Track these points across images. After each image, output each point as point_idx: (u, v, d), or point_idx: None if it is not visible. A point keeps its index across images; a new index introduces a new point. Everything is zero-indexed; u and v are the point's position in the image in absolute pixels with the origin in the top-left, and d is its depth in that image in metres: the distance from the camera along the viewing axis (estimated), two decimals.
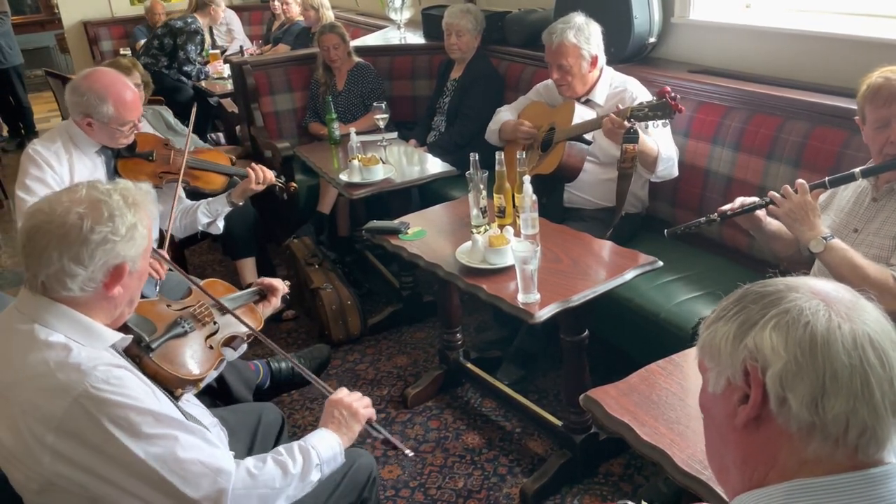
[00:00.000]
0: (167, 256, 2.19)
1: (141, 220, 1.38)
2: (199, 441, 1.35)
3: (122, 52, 6.61)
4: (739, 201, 1.97)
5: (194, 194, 2.84)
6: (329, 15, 5.32)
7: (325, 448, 1.53)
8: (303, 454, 1.48)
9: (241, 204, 2.78)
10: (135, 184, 1.45)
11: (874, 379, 0.75)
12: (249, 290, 1.98)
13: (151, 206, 1.45)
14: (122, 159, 2.59)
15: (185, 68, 5.08)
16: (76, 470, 1.27)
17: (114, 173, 2.57)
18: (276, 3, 5.96)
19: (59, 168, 2.43)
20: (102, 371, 1.27)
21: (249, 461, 1.43)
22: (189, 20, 5.05)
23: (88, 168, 2.50)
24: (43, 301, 1.32)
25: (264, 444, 1.89)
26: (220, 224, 2.80)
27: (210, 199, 2.77)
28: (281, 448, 1.49)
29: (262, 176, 2.73)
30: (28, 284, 1.34)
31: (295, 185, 3.02)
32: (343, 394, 1.66)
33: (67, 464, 1.27)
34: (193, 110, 2.98)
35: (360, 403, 1.65)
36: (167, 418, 1.31)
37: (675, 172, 2.66)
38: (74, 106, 2.39)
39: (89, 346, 1.32)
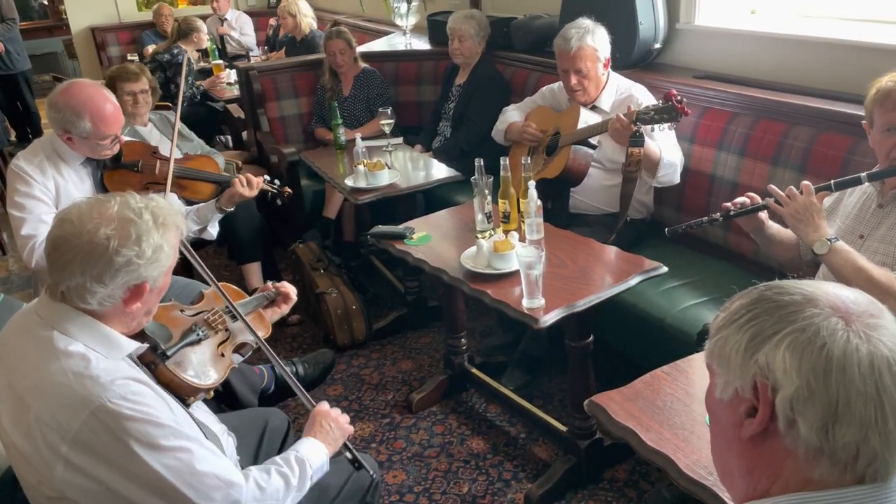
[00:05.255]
0: (194, 254, 2.14)
1: (167, 240, 1.39)
2: (211, 454, 1.36)
3: (129, 57, 6.66)
4: (741, 200, 1.96)
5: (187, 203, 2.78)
6: (308, 23, 5.33)
7: (316, 459, 1.56)
8: (299, 465, 1.51)
9: (230, 210, 2.73)
10: (168, 200, 1.47)
11: (889, 407, 0.72)
12: (259, 294, 1.98)
13: (181, 223, 1.46)
14: (108, 171, 2.56)
15: (176, 100, 5.08)
16: (88, 480, 1.28)
17: (100, 185, 2.54)
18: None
19: (45, 180, 2.40)
20: (120, 385, 1.28)
21: (255, 473, 1.45)
22: (175, 51, 5.05)
23: (74, 181, 2.47)
24: (63, 308, 1.34)
25: (270, 451, 1.89)
26: (213, 231, 2.77)
27: (199, 205, 2.74)
28: (279, 459, 1.52)
29: (249, 181, 2.69)
30: (49, 290, 1.36)
31: (289, 190, 2.95)
32: (326, 407, 1.70)
33: (80, 475, 1.27)
34: (177, 113, 2.95)
35: (343, 418, 1.70)
36: (183, 432, 1.32)
37: (677, 179, 2.66)
38: (53, 121, 2.36)
39: (107, 356, 1.33)
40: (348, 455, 1.69)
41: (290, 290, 2.01)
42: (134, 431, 1.26)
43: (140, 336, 1.47)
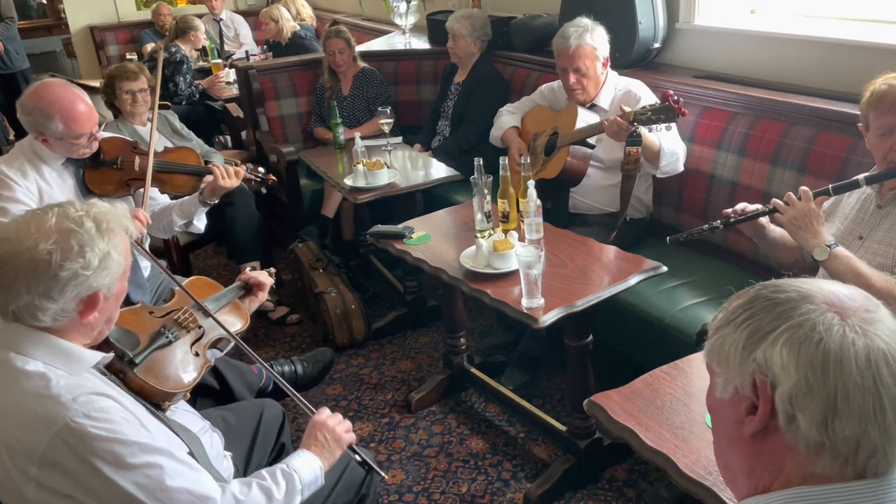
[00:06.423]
0: (150, 254, 2.16)
1: (115, 246, 1.33)
2: (184, 468, 1.33)
3: (128, 56, 6.65)
4: (741, 206, 1.97)
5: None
6: (291, 27, 5.32)
7: (307, 472, 1.52)
8: (286, 479, 1.48)
9: (214, 202, 2.65)
10: (111, 203, 1.41)
11: (887, 399, 0.73)
12: (234, 285, 1.96)
13: (129, 225, 1.41)
14: (90, 170, 2.51)
15: (175, 99, 5.06)
16: (62, 500, 1.26)
17: (83, 185, 2.50)
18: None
19: (27, 183, 2.37)
20: (83, 403, 1.24)
21: (235, 486, 1.42)
22: (173, 49, 5.00)
23: (56, 182, 2.43)
24: (16, 328, 1.29)
25: (265, 442, 1.88)
26: (199, 224, 2.69)
27: (182, 199, 2.68)
28: (264, 472, 1.49)
29: (230, 172, 2.61)
30: (0, 311, 1.31)
31: (273, 177, 2.87)
32: (325, 415, 1.65)
33: (53, 495, 1.25)
34: (155, 105, 2.89)
35: (342, 427, 1.64)
36: (152, 447, 1.29)
37: (680, 168, 2.65)
38: (26, 125, 2.32)
39: (69, 372, 1.29)
40: (357, 458, 1.66)
41: (261, 277, 1.99)
42: (99, 451, 1.23)
43: (105, 346, 1.43)
